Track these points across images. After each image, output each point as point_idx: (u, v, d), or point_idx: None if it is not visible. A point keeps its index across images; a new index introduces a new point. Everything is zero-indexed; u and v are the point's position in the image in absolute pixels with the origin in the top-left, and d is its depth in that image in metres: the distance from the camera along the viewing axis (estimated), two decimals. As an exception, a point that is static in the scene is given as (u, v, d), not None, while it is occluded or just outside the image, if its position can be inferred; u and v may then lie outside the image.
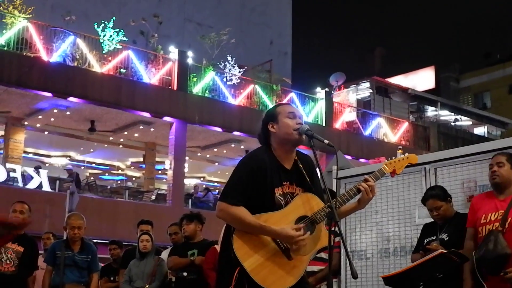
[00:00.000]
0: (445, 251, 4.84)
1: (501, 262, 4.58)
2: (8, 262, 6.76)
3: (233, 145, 23.18)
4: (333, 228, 3.53)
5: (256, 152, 3.73)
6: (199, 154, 25.09)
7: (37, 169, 19.27)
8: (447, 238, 5.18)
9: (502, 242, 4.58)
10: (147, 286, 7.56)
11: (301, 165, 3.77)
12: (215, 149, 24.26)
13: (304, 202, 3.63)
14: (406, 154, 3.97)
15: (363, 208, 3.82)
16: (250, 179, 3.54)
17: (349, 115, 26.07)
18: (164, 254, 8.03)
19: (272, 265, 3.44)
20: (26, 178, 18.40)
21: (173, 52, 21.03)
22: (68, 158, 26.10)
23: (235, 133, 21.77)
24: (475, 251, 4.81)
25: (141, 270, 7.71)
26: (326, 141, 3.60)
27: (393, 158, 3.93)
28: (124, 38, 19.91)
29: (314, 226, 3.58)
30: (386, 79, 32.52)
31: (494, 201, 4.87)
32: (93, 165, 27.27)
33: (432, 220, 5.42)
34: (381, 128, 26.65)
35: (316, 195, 3.70)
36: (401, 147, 4.18)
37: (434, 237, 5.28)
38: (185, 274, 7.28)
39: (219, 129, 21.48)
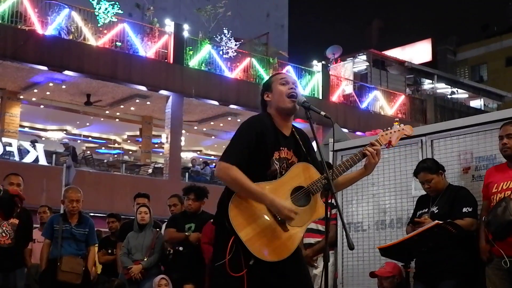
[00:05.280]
0: (440, 222, 4.86)
1: (508, 228, 4.59)
2: (4, 234, 6.79)
3: (229, 119, 23.15)
4: (329, 200, 3.54)
5: (258, 116, 3.72)
6: (195, 128, 25.08)
7: (33, 143, 19.24)
8: (437, 210, 5.20)
9: (511, 209, 4.59)
10: (146, 259, 7.59)
11: (297, 136, 3.78)
12: (212, 123, 24.24)
13: (301, 172, 3.62)
14: (402, 125, 3.89)
15: (370, 173, 3.78)
16: (253, 141, 3.53)
17: (345, 88, 26.02)
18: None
19: (268, 236, 3.43)
20: (23, 152, 18.39)
21: (169, 25, 20.91)
22: (65, 132, 26.05)
23: (232, 106, 21.74)
24: (485, 216, 4.83)
25: (140, 243, 7.72)
26: (322, 113, 3.59)
27: (389, 128, 3.88)
28: (120, 11, 19.77)
29: (310, 197, 3.57)
30: (383, 52, 32.42)
31: (507, 172, 4.89)
32: (90, 138, 27.22)
33: (427, 192, 5.44)
34: (377, 101, 26.63)
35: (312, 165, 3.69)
36: (397, 119, 4.15)
37: (426, 210, 5.31)
38: (181, 248, 7.31)
39: (215, 103, 21.44)
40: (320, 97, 24.17)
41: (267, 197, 3.44)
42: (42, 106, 21.98)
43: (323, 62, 25.51)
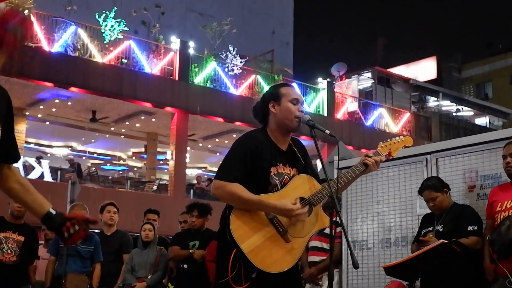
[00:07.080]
0: (445, 241, 4.84)
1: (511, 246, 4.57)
2: (9, 252, 6.77)
3: (234, 136, 23.13)
4: (334, 218, 3.54)
5: (252, 133, 3.72)
6: (200, 145, 25.11)
7: (38, 159, 19.29)
8: (442, 229, 5.17)
9: None
10: (149, 276, 7.57)
11: (295, 148, 3.78)
12: (217, 140, 24.27)
13: (302, 184, 3.63)
14: (401, 137, 3.90)
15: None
16: (247, 158, 3.52)
17: (350, 106, 26.05)
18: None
19: (269, 247, 3.43)
20: (28, 168, 18.42)
21: (175, 42, 21.03)
22: (70, 148, 26.13)
23: (237, 123, 21.76)
24: (489, 235, 4.82)
25: (144, 260, 7.70)
26: (327, 131, 3.59)
27: (388, 140, 3.88)
28: (126, 28, 19.90)
29: (311, 208, 3.57)
30: (388, 69, 32.48)
31: (511, 191, 4.87)
32: (95, 155, 27.29)
33: (432, 210, 5.42)
34: (382, 118, 26.64)
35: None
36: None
37: (431, 228, 5.28)
38: (185, 266, 7.30)
39: (220, 120, 21.49)
40: (325, 114, 24.20)
41: (269, 204, 3.44)
42: (47, 123, 22.06)
43: (328, 79, 25.57)
